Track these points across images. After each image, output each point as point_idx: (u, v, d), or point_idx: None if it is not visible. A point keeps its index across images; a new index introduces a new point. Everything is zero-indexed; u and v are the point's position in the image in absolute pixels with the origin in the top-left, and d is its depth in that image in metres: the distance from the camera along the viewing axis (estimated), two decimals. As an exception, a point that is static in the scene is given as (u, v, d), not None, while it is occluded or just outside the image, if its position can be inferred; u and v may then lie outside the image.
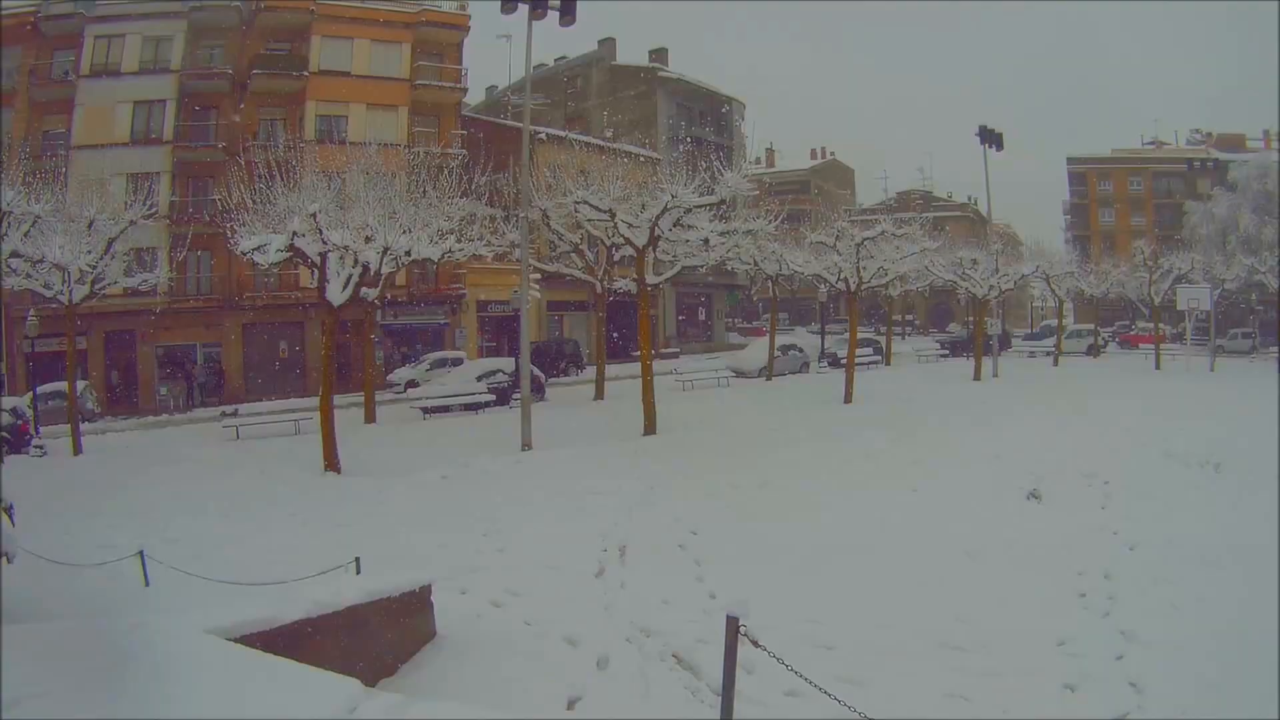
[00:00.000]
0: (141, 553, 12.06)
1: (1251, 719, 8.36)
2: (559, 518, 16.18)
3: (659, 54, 67.88)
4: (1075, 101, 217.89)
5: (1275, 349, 52.85)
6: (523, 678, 9.11)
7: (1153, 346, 50.97)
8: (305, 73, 43.36)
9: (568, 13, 24.07)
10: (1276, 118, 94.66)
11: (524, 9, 23.78)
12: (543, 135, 49.23)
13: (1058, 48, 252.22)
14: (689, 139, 60.64)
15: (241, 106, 42.49)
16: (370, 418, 29.69)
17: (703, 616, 10.75)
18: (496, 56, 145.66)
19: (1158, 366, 47.05)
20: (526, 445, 23.55)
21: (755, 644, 7.06)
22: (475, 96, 66.72)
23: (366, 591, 9.03)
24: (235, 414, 29.72)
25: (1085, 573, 13.14)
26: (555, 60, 70.72)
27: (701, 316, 68.46)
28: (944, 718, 8.75)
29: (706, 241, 29.40)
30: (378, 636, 9.04)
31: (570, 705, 8.70)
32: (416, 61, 46.61)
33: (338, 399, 24.71)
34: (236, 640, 7.35)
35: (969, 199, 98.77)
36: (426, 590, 9.87)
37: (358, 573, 10.54)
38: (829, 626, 10.82)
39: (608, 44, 68.16)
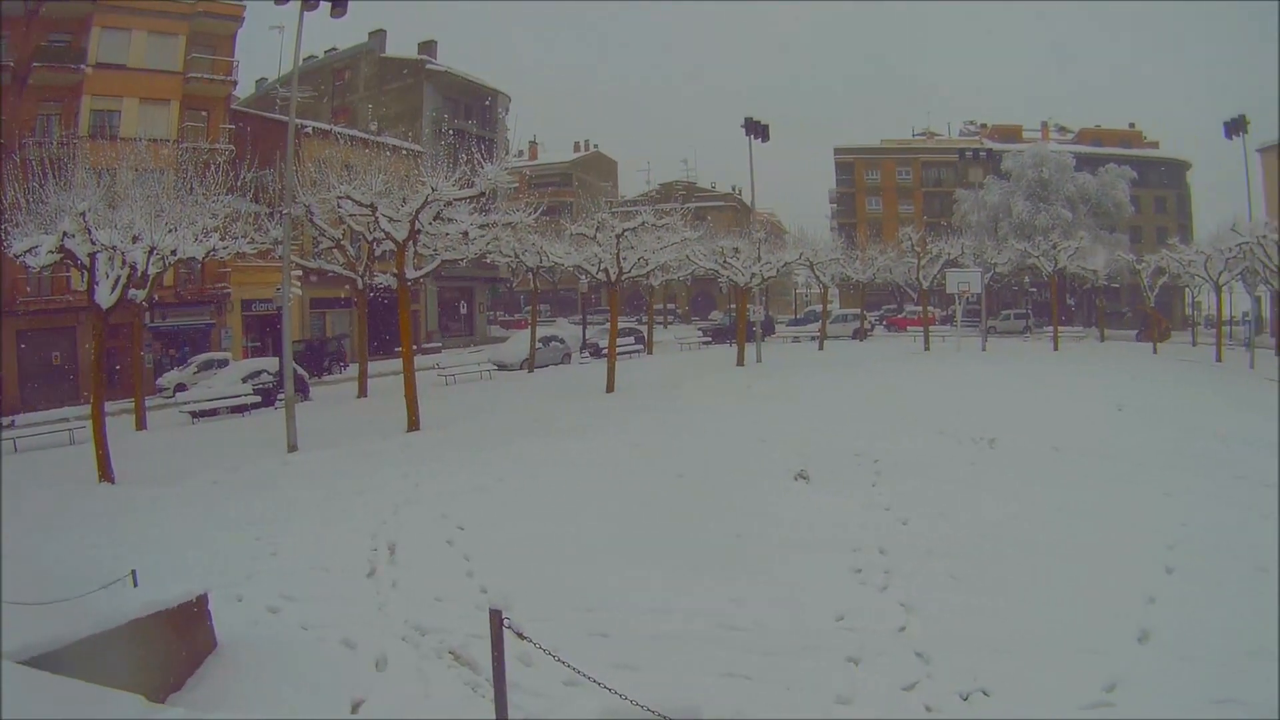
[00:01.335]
0: (-75, 578, 11.94)
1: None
2: (328, 519, 16.38)
3: (428, 46, 69.65)
4: (847, 95, 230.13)
5: (1049, 329, 58.27)
6: (305, 683, 9.46)
7: (921, 329, 55.09)
8: (83, 66, 43.50)
9: (339, 4, 25.32)
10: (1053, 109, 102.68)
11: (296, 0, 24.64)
12: (309, 129, 50.60)
13: (833, 43, 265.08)
14: (452, 132, 61.66)
15: (20, 100, 42.34)
16: (141, 424, 29.83)
17: (475, 612, 10.82)
18: (268, 48, 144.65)
19: (927, 348, 51.20)
20: (292, 447, 24.03)
21: (521, 636, 7.49)
22: (246, 89, 67.36)
23: (145, 604, 9.12)
24: (12, 425, 29.88)
25: (860, 549, 13.78)
26: (326, 52, 71.77)
27: (463, 310, 70.61)
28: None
29: (466, 234, 30.47)
30: (161, 650, 9.15)
31: (354, 708, 9.08)
32: (190, 54, 47.64)
33: (110, 405, 25.43)
34: (24, 663, 7.47)
35: (734, 189, 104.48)
36: (203, 600, 10.01)
37: (135, 585, 10.46)
38: (602, 615, 11.29)
39: (378, 36, 69.63)
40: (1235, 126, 47.85)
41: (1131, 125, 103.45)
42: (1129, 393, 29.99)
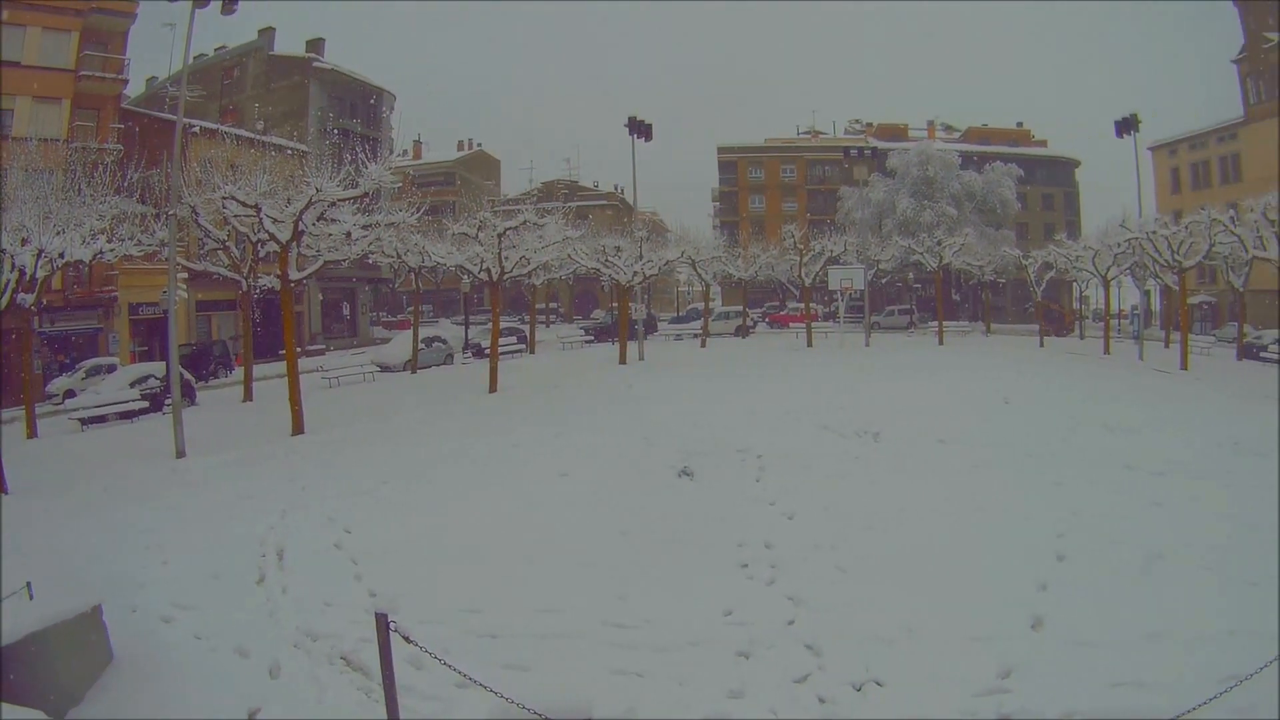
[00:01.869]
0: None
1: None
2: (217, 525, 16.15)
3: (316, 44, 69.77)
4: (732, 95, 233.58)
5: (934, 324, 60.41)
6: (202, 694, 9.54)
7: (803, 325, 56.26)
8: (-21, 64, 42.47)
9: (230, 1, 25.63)
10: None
11: (187, -4, 24.54)
12: (196, 129, 50.54)
13: (714, 44, 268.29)
14: (337, 131, 62.94)
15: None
16: (32, 431, 29.40)
17: (365, 616, 10.77)
18: (159, 46, 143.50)
19: (809, 344, 52.12)
20: (180, 453, 23.64)
21: (407, 639, 7.62)
22: (136, 88, 66.77)
23: (41, 617, 9.10)
24: None
25: (745, 544, 14.04)
26: (215, 50, 71.32)
27: (346, 312, 72.11)
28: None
29: (349, 235, 30.23)
30: (60, 664, 9.14)
31: (251, 717, 9.21)
32: (83, 51, 46.93)
33: (2, 414, 24.75)
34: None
35: (616, 188, 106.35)
36: (97, 611, 9.92)
37: (30, 598, 10.31)
38: (491, 615, 11.50)
39: (267, 33, 69.43)
40: (1127, 125, 49.06)
41: (1019, 124, 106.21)
42: (1015, 386, 30.33)
